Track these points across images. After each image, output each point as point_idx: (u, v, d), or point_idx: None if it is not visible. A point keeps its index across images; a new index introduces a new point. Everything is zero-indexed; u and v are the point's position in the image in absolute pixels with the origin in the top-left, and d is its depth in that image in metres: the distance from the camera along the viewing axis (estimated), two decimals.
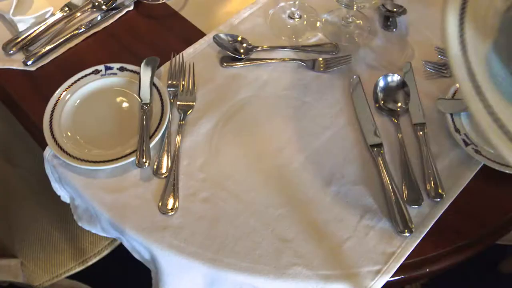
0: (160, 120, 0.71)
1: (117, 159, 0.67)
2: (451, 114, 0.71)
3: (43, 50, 0.82)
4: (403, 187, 0.66)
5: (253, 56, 0.81)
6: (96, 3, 0.89)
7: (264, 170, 0.69)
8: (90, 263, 0.97)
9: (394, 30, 0.85)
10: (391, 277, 0.60)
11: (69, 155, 0.68)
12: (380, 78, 0.75)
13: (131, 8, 0.90)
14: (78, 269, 0.97)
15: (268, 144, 0.71)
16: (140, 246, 0.64)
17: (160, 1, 0.91)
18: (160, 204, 0.65)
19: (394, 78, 0.75)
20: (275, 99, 0.76)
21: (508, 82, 0.45)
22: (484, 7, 0.47)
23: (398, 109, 0.73)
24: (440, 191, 0.65)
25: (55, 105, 0.73)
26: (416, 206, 0.64)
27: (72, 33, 0.85)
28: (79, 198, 0.70)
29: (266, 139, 0.72)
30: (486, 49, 0.47)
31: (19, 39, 0.84)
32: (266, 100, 0.76)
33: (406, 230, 0.62)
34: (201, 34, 0.85)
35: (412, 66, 0.78)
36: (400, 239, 0.62)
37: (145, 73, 0.76)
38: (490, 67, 0.46)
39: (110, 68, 0.77)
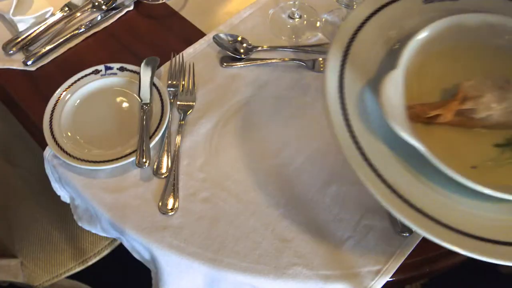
0: (160, 120, 0.71)
1: (117, 159, 0.68)
2: None
3: (43, 50, 0.82)
4: None
5: (253, 56, 0.81)
6: (96, 3, 0.89)
7: (264, 170, 0.69)
8: (90, 263, 0.97)
9: None
10: (391, 277, 0.60)
11: (69, 155, 0.68)
12: None
13: (131, 8, 0.90)
14: (78, 269, 0.97)
15: (268, 144, 0.71)
16: (140, 246, 0.64)
17: (160, 1, 0.91)
18: (160, 204, 0.65)
19: None
20: (275, 99, 0.76)
21: (377, 114, 0.49)
22: (364, 55, 0.52)
23: None
24: None
25: (55, 105, 0.73)
26: None
27: (72, 33, 0.85)
28: (79, 198, 0.70)
29: (266, 139, 0.72)
30: (361, 87, 0.51)
31: (19, 39, 0.84)
32: (266, 100, 0.76)
33: (405, 230, 0.62)
34: (201, 34, 0.85)
35: None
36: (400, 239, 0.62)
37: (145, 73, 0.76)
38: (363, 102, 0.50)
39: (110, 68, 0.77)
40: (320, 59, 0.80)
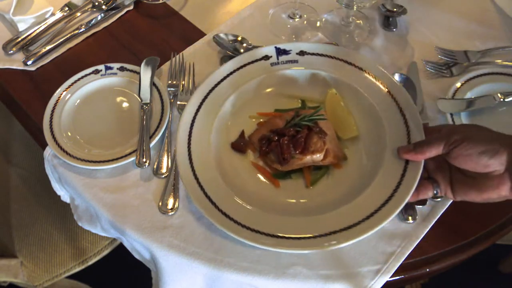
0: (160, 120, 0.71)
1: (117, 159, 0.68)
2: (451, 114, 0.71)
3: (43, 50, 0.82)
4: None
5: None
6: (96, 3, 0.89)
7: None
8: (90, 263, 0.97)
9: (394, 30, 0.85)
10: (391, 276, 0.60)
11: (69, 155, 0.68)
12: None
13: (131, 8, 0.90)
14: (78, 269, 0.97)
15: None
16: (140, 246, 0.64)
17: (160, 1, 0.91)
18: (160, 204, 0.65)
19: (401, 78, 0.74)
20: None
21: None
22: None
23: None
24: None
25: (55, 105, 0.73)
26: (421, 206, 0.64)
27: (72, 33, 0.85)
28: (79, 198, 0.70)
29: None
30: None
31: (19, 39, 0.84)
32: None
33: (409, 217, 0.62)
34: (201, 34, 0.85)
35: (417, 66, 0.78)
36: (400, 238, 0.62)
37: (145, 73, 0.76)
38: None
39: (110, 68, 0.77)
40: None
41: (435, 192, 0.59)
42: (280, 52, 0.74)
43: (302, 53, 0.74)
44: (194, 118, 0.68)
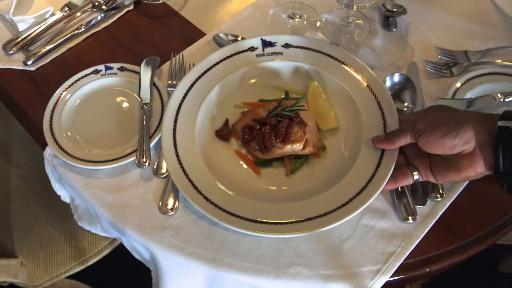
0: (160, 120, 0.71)
1: (117, 159, 0.68)
2: None
3: (43, 50, 0.82)
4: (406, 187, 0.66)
5: None
6: (96, 3, 0.89)
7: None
8: (90, 263, 0.97)
9: (394, 29, 0.85)
10: (391, 276, 0.60)
11: (69, 155, 0.68)
12: (387, 77, 0.74)
13: (131, 8, 0.90)
14: (78, 269, 0.97)
15: None
16: (140, 246, 0.64)
17: (160, 1, 0.91)
18: (160, 204, 0.65)
19: (401, 78, 0.74)
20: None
21: None
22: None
23: (405, 109, 0.72)
24: (440, 191, 0.65)
25: (55, 105, 0.73)
26: (421, 206, 0.64)
27: (72, 33, 0.85)
28: (79, 198, 0.70)
29: None
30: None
31: (19, 39, 0.84)
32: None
33: (409, 217, 0.62)
34: (201, 34, 0.85)
35: (417, 66, 0.78)
36: (400, 239, 0.62)
37: (145, 73, 0.76)
38: None
39: (110, 68, 0.77)
40: None
41: (416, 178, 0.61)
42: (266, 44, 0.76)
43: (287, 45, 0.76)
44: (180, 106, 0.69)
